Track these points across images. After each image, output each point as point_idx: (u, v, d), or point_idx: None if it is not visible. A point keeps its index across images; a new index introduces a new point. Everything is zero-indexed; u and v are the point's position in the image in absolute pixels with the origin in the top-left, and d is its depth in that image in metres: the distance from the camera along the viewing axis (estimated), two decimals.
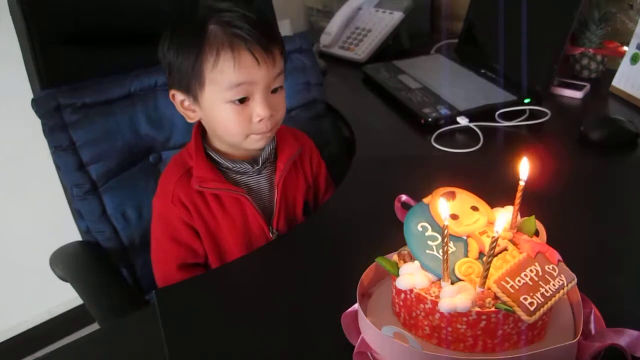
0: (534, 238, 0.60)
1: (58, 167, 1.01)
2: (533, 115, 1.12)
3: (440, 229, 0.57)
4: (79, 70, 1.04)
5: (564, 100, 1.23)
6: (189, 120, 0.90)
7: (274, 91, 0.85)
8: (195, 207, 0.89)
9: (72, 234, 1.08)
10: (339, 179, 1.01)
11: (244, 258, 0.82)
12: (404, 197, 0.83)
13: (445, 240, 0.52)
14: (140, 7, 1.09)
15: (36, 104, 0.98)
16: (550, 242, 0.61)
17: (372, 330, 0.56)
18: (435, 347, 0.56)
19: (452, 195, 0.61)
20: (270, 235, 0.92)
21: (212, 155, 0.90)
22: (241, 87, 0.81)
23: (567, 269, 0.56)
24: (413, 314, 0.56)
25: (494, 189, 0.64)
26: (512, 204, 0.59)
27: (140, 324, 0.72)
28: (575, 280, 0.55)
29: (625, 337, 0.57)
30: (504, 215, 0.52)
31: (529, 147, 1.05)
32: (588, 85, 1.25)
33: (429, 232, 0.58)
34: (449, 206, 0.59)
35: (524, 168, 0.58)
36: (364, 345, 0.58)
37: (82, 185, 0.99)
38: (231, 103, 0.82)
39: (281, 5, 1.31)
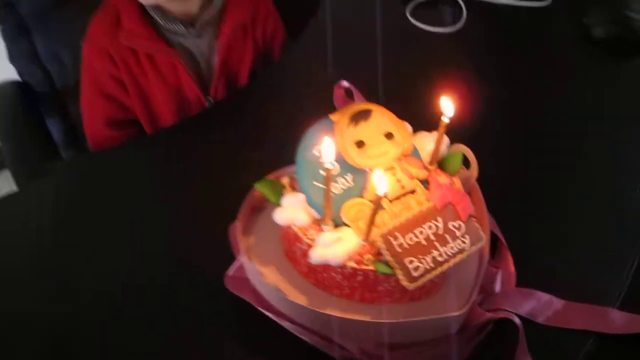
0: (456, 179, 0.50)
1: None
2: None
3: (341, 157, 0.48)
4: None
5: None
6: None
7: None
8: (124, 62, 0.81)
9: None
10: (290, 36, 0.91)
11: (146, 139, 0.76)
12: (345, 84, 0.72)
13: (327, 182, 0.43)
14: None
15: None
16: (489, 176, 0.52)
17: (245, 260, 0.50)
18: (312, 287, 0.50)
19: (366, 115, 0.50)
20: (206, 103, 0.85)
21: (144, 5, 0.77)
22: None
23: (478, 227, 0.47)
24: (293, 248, 0.49)
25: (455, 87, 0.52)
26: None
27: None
28: (483, 242, 0.47)
29: (531, 301, 0.51)
30: (381, 179, 0.41)
31: (518, 35, 0.90)
32: None
33: None
34: (359, 129, 0.49)
35: (447, 107, 0.46)
36: (240, 270, 0.52)
37: (9, 21, 0.91)
38: None
39: None
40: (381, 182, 0.40)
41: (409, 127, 0.53)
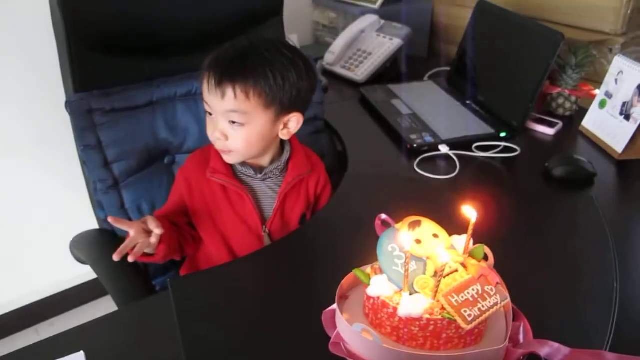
0: (482, 262, 0.74)
1: (84, 163, 1.15)
2: (507, 148, 1.26)
3: None
4: (108, 77, 1.18)
5: (537, 136, 1.37)
6: None
7: (235, 123, 0.95)
8: (200, 190, 1.05)
9: (88, 222, 1.22)
10: (332, 190, 1.16)
11: (246, 258, 0.96)
12: (383, 216, 0.98)
13: (407, 262, 0.66)
14: (167, 22, 1.21)
15: (70, 106, 1.11)
16: (499, 265, 0.75)
17: (345, 326, 0.71)
18: (394, 343, 0.70)
19: (418, 223, 0.75)
20: (262, 232, 1.07)
21: None
22: (205, 102, 0.97)
23: (503, 290, 0.70)
24: (379, 315, 0.71)
25: (461, 214, 0.76)
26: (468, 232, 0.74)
27: (154, 308, 0.87)
28: (508, 299, 0.70)
29: (546, 348, 0.72)
30: (445, 253, 0.66)
31: (499, 178, 1.20)
32: (561, 124, 1.39)
33: (397, 253, 0.72)
34: (415, 232, 0.74)
35: (471, 214, 0.72)
36: (338, 337, 0.72)
37: (106, 180, 1.14)
38: (207, 113, 0.99)
39: (290, 20, 1.41)
40: (445, 255, 0.64)
41: None
